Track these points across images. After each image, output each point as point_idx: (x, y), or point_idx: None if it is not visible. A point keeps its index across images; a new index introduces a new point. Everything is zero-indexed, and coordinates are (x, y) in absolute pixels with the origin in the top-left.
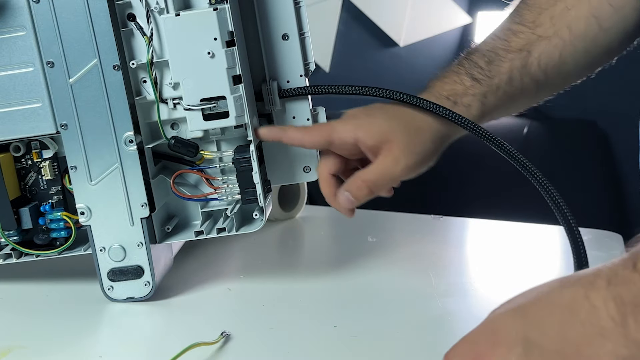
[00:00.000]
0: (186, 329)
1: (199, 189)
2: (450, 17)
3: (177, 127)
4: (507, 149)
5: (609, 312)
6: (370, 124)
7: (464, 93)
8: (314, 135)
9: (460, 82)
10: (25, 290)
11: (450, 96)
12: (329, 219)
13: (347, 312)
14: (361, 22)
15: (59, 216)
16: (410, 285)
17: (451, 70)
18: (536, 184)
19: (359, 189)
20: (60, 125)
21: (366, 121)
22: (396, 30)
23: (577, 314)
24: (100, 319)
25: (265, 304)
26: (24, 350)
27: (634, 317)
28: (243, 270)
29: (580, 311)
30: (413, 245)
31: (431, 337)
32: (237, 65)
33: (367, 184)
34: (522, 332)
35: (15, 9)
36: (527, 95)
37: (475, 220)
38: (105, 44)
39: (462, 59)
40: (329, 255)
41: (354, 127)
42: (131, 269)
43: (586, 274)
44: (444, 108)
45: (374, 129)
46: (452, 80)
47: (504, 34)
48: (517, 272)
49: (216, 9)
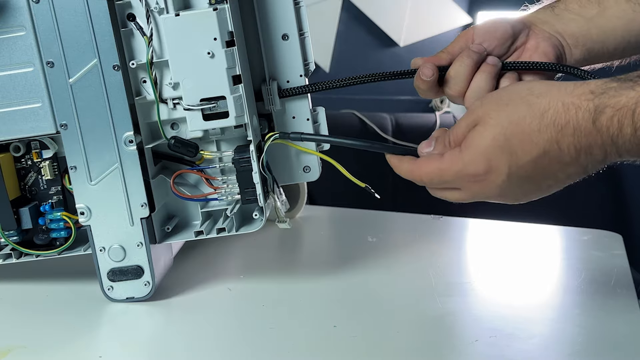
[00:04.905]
0: (186, 329)
1: (199, 189)
2: (450, 17)
3: (177, 127)
4: None
5: (569, 153)
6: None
7: (574, 44)
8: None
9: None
10: (25, 290)
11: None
12: (329, 219)
13: (347, 312)
14: (361, 22)
15: (58, 216)
16: (410, 285)
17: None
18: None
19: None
20: (60, 125)
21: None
22: (396, 30)
23: (548, 154)
24: (100, 319)
25: (265, 304)
26: (24, 350)
27: (584, 155)
28: (243, 270)
29: (550, 151)
30: (413, 245)
31: (431, 337)
32: (237, 65)
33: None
34: (507, 164)
35: (15, 9)
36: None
37: (475, 220)
38: (105, 44)
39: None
40: (329, 255)
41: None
42: (131, 269)
43: (559, 119)
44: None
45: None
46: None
47: None
48: (517, 272)
49: (216, 9)
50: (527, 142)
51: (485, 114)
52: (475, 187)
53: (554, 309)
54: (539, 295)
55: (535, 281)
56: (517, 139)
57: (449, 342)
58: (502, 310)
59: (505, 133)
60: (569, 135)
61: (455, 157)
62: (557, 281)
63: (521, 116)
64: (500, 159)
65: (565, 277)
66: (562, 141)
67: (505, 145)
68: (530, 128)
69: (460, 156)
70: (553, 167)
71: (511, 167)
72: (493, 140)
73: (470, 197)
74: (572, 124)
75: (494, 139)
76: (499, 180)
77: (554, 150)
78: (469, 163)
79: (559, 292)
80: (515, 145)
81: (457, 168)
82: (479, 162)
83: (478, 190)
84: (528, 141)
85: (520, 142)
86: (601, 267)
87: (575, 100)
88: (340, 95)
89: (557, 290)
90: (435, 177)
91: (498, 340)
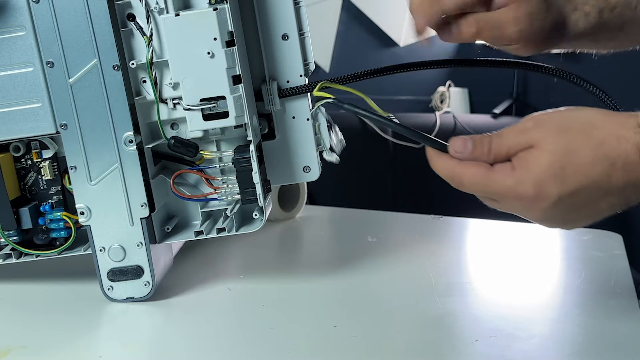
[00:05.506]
0: (186, 329)
1: (199, 189)
2: None
3: (177, 127)
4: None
5: (617, 185)
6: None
7: (585, 2)
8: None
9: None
10: (25, 290)
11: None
12: (329, 219)
13: (347, 312)
14: (361, 22)
15: (58, 216)
16: (410, 285)
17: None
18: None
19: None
20: (60, 125)
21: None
22: (396, 30)
23: (597, 186)
24: (100, 319)
25: (265, 304)
26: (24, 350)
27: (631, 188)
28: (243, 270)
29: (600, 184)
30: (413, 245)
31: (431, 337)
32: (237, 65)
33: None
34: (558, 193)
35: (15, 9)
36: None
37: (475, 220)
38: (105, 44)
39: None
40: (329, 255)
41: None
42: (131, 269)
43: (611, 153)
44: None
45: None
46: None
47: None
48: (517, 272)
49: (216, 9)
50: (580, 173)
51: (543, 139)
52: (517, 206)
53: (554, 309)
54: (539, 295)
55: (535, 281)
56: (571, 169)
57: (449, 342)
58: (502, 310)
59: (562, 161)
60: (619, 169)
61: (506, 173)
62: (557, 281)
63: (578, 147)
64: (552, 186)
65: (565, 277)
66: (613, 174)
67: (559, 174)
68: (586, 160)
69: (512, 173)
70: (599, 198)
71: (561, 195)
72: (549, 167)
73: (508, 210)
74: (623, 158)
75: (550, 166)
76: (545, 206)
77: (604, 182)
78: (519, 183)
79: (559, 292)
80: (568, 175)
81: (507, 184)
82: (529, 185)
83: (519, 208)
84: (581, 172)
85: (573, 173)
86: (601, 267)
87: (625, 133)
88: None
89: (557, 290)
90: (479, 184)
91: (498, 340)
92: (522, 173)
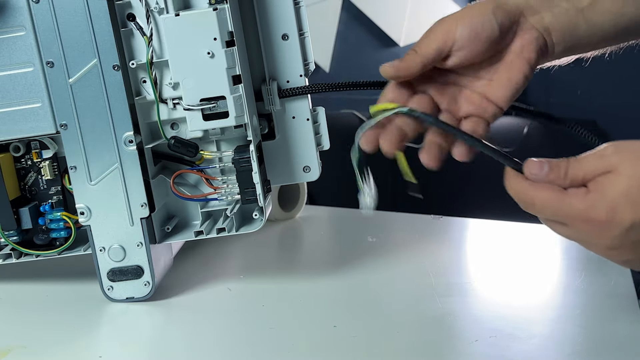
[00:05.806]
0: (186, 329)
1: (199, 189)
2: None
3: (177, 127)
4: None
5: None
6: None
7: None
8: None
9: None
10: (25, 290)
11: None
12: (329, 219)
13: (347, 312)
14: (361, 22)
15: (58, 216)
16: (410, 285)
17: None
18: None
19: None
20: (60, 125)
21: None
22: (396, 30)
23: None
24: (100, 319)
25: (265, 304)
26: (24, 350)
27: None
28: (243, 270)
29: None
30: (413, 245)
31: (431, 337)
32: (237, 65)
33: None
34: (631, 219)
35: (15, 9)
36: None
37: (475, 220)
38: (105, 44)
39: None
40: (329, 255)
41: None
42: (131, 269)
43: None
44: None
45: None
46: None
47: None
48: (517, 272)
49: (216, 9)
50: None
51: (621, 163)
52: (587, 231)
53: (554, 309)
54: (539, 295)
55: (535, 281)
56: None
57: (449, 342)
58: (502, 310)
59: (639, 186)
60: None
61: (580, 196)
62: (557, 281)
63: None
64: (625, 211)
65: (565, 277)
66: None
67: (635, 199)
68: None
69: (585, 197)
70: None
71: (634, 222)
72: (625, 192)
73: (576, 237)
74: None
75: (626, 191)
76: (615, 232)
77: None
78: (592, 206)
79: (559, 292)
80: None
81: (579, 207)
82: (602, 208)
83: (588, 234)
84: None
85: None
86: (601, 267)
87: None
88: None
89: (557, 290)
90: (551, 207)
91: (498, 340)
92: (597, 197)
